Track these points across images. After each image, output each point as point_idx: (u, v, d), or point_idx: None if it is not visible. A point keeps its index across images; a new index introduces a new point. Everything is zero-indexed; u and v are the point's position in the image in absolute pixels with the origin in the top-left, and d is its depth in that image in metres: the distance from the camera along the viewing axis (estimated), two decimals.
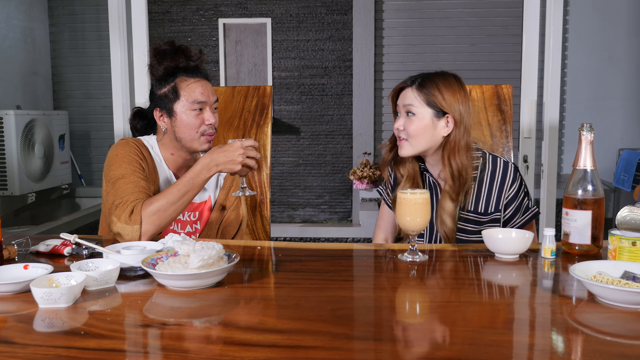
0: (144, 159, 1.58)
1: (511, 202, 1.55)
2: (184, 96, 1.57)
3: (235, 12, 4.83)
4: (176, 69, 1.59)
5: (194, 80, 1.59)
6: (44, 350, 0.82)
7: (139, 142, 1.63)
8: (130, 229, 1.39)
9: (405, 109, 1.53)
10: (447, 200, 1.52)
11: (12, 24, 4.40)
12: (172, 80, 1.59)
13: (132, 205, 1.42)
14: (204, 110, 1.58)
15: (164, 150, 1.65)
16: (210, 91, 1.61)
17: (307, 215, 5.00)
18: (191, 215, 1.67)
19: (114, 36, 2.60)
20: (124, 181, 1.49)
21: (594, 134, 1.29)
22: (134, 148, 1.57)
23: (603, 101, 4.80)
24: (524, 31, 2.47)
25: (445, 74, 1.55)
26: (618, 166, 4.26)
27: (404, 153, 1.55)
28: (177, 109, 1.57)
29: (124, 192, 1.46)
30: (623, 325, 0.90)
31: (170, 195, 1.43)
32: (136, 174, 1.51)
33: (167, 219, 1.43)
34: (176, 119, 1.58)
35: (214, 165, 1.45)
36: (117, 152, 1.57)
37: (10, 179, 3.85)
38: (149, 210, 1.40)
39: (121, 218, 1.40)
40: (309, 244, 1.48)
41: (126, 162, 1.53)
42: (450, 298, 1.05)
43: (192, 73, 1.60)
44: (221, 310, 0.99)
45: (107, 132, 4.68)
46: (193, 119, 1.57)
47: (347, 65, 4.83)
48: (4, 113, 3.82)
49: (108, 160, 1.57)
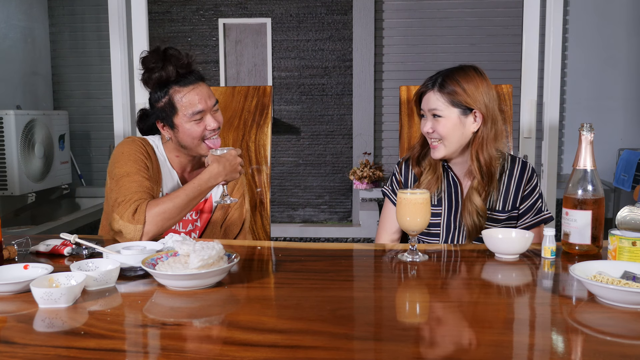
0: (149, 158, 1.58)
1: (525, 199, 1.55)
2: (181, 109, 1.54)
3: (235, 12, 4.83)
4: (167, 80, 1.55)
5: (188, 90, 1.55)
6: (44, 350, 0.82)
7: (145, 141, 1.62)
8: (133, 228, 1.39)
9: (431, 113, 1.51)
10: (475, 196, 1.51)
11: (12, 24, 4.40)
12: (165, 93, 1.56)
13: (136, 204, 1.41)
14: (204, 117, 1.56)
15: (168, 152, 1.64)
16: (207, 95, 1.57)
17: (307, 215, 5.00)
18: (192, 213, 1.67)
19: (114, 36, 2.60)
20: (129, 179, 1.48)
21: (594, 134, 1.29)
22: (139, 147, 1.57)
23: (603, 101, 4.80)
24: (524, 31, 2.47)
25: (464, 67, 1.52)
26: (618, 166, 4.26)
27: (438, 155, 1.52)
28: (177, 122, 1.56)
29: (128, 191, 1.45)
30: (623, 325, 0.90)
31: (177, 200, 1.43)
32: (141, 173, 1.51)
33: (170, 222, 1.44)
34: (178, 130, 1.57)
35: (222, 175, 1.49)
36: (123, 149, 1.56)
37: (10, 179, 3.85)
38: (154, 212, 1.40)
39: (124, 216, 1.40)
40: (309, 244, 1.48)
41: (132, 160, 1.53)
42: (451, 298, 1.05)
43: (184, 81, 1.55)
44: (221, 310, 0.99)
45: (107, 132, 4.68)
46: (195, 128, 1.55)
47: (347, 65, 4.83)
48: (4, 113, 3.82)
49: (113, 158, 1.56)
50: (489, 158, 1.49)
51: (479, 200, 1.50)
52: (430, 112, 1.51)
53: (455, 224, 1.57)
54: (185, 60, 1.56)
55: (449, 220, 1.57)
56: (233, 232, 1.72)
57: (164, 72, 1.54)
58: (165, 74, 1.54)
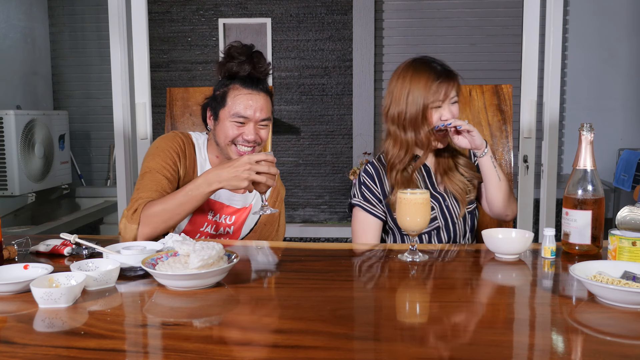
0: (185, 156, 1.58)
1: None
2: (229, 105, 1.53)
3: (235, 12, 4.83)
4: (235, 75, 1.55)
5: (247, 92, 1.53)
6: (44, 350, 0.82)
7: (188, 138, 1.62)
8: (130, 228, 1.40)
9: (452, 100, 1.56)
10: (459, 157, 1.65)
11: (12, 24, 4.40)
12: (227, 85, 1.55)
13: (139, 203, 1.42)
14: (246, 125, 1.53)
15: (210, 152, 1.64)
16: (260, 107, 1.53)
17: (307, 215, 5.00)
18: (227, 218, 1.65)
19: (114, 36, 2.60)
20: (149, 176, 1.50)
21: (594, 134, 1.29)
22: (177, 143, 1.57)
23: (603, 101, 4.80)
24: (524, 31, 2.47)
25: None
26: (618, 166, 4.26)
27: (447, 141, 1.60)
28: (221, 115, 1.55)
29: (143, 189, 1.47)
30: (623, 325, 0.90)
31: (168, 203, 1.42)
32: (164, 171, 1.51)
33: (165, 225, 1.42)
34: (218, 123, 1.56)
35: (217, 181, 1.39)
36: (159, 144, 1.57)
37: (10, 179, 3.85)
38: (147, 212, 1.40)
39: (126, 214, 1.42)
40: (309, 244, 1.48)
41: (161, 156, 1.53)
42: (450, 298, 1.05)
43: (249, 84, 1.54)
44: (221, 310, 0.99)
45: (107, 132, 4.68)
46: (232, 129, 1.53)
47: (347, 65, 4.83)
48: (4, 113, 3.82)
49: (148, 150, 1.58)
50: None
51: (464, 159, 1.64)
52: (450, 100, 1.56)
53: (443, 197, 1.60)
54: (264, 68, 1.56)
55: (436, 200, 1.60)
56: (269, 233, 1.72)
57: (239, 66, 1.53)
58: (239, 68, 1.54)
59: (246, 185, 1.38)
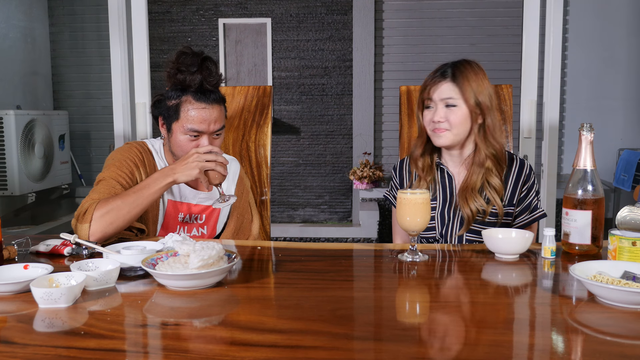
0: (144, 164, 1.58)
1: (524, 198, 1.58)
2: (183, 119, 1.52)
3: (235, 12, 4.83)
4: (188, 87, 1.52)
5: (199, 106, 1.51)
6: (44, 350, 0.82)
7: (143, 146, 1.62)
8: (81, 227, 1.39)
9: (444, 102, 1.55)
10: (493, 177, 1.55)
11: (12, 24, 4.40)
12: (179, 97, 1.53)
13: (89, 203, 1.42)
14: (200, 138, 1.53)
15: (168, 156, 1.64)
16: (214, 119, 1.53)
17: (307, 215, 5.00)
18: (197, 217, 1.66)
19: (114, 36, 2.60)
20: (103, 183, 1.50)
21: (594, 134, 1.29)
22: (133, 153, 1.57)
23: (603, 101, 4.80)
24: (524, 31, 2.47)
25: (470, 62, 1.58)
26: (618, 166, 4.26)
27: (444, 143, 1.56)
28: (175, 127, 1.54)
29: (96, 192, 1.47)
30: (623, 325, 0.90)
31: (125, 197, 1.41)
32: (119, 179, 1.51)
33: (118, 222, 1.40)
34: (172, 135, 1.56)
35: (171, 173, 1.44)
36: (114, 155, 1.58)
37: (10, 179, 3.85)
38: (100, 211, 1.39)
39: (76, 215, 1.42)
40: (309, 244, 1.48)
41: (117, 165, 1.54)
42: (450, 298, 1.05)
43: (201, 97, 1.52)
44: (221, 310, 0.99)
45: (107, 132, 4.68)
46: (186, 142, 1.53)
47: (347, 65, 4.83)
48: (4, 113, 3.82)
49: (105, 162, 1.58)
50: (500, 145, 1.57)
51: (497, 181, 1.54)
52: (443, 102, 1.55)
53: (449, 215, 1.58)
54: (215, 80, 1.53)
55: (443, 212, 1.59)
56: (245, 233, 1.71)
57: (190, 78, 1.50)
58: (190, 80, 1.50)
59: (197, 173, 1.44)
